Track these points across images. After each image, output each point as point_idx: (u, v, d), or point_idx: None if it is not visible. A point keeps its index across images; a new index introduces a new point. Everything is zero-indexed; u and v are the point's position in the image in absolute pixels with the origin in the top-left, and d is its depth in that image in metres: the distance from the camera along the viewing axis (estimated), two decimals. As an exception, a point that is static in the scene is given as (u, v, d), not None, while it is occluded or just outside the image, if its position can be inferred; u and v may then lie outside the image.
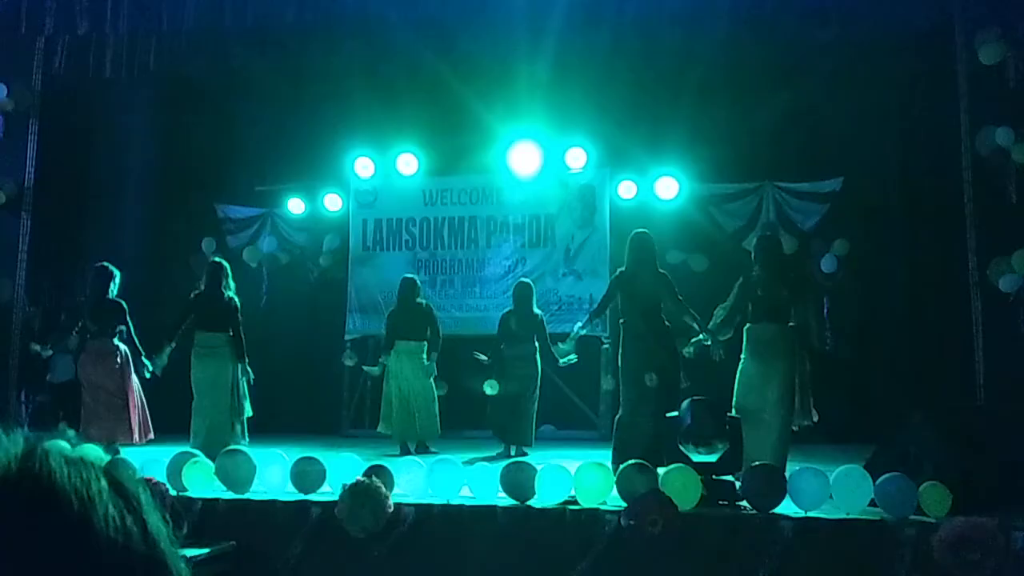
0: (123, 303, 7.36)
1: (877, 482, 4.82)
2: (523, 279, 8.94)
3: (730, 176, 10.10)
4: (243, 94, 10.99)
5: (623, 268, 6.77)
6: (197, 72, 10.45)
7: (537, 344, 8.17)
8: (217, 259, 7.75)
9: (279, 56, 10.29)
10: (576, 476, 5.08)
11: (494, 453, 7.83)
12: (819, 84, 9.58)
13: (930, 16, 8.66)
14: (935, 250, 9.29)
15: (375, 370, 8.63)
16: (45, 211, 11.08)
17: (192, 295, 7.47)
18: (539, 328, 8.22)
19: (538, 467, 5.16)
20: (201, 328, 7.24)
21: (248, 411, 7.31)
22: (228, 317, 7.23)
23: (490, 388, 8.14)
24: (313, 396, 10.76)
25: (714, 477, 5.09)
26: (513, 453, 7.89)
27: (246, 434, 7.28)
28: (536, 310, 8.33)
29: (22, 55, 10.84)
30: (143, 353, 7.31)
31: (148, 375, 7.31)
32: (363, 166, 10.79)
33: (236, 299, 7.35)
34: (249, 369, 7.34)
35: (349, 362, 10.55)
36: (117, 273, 7.44)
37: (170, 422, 7.62)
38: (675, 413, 5.52)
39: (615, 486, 5.02)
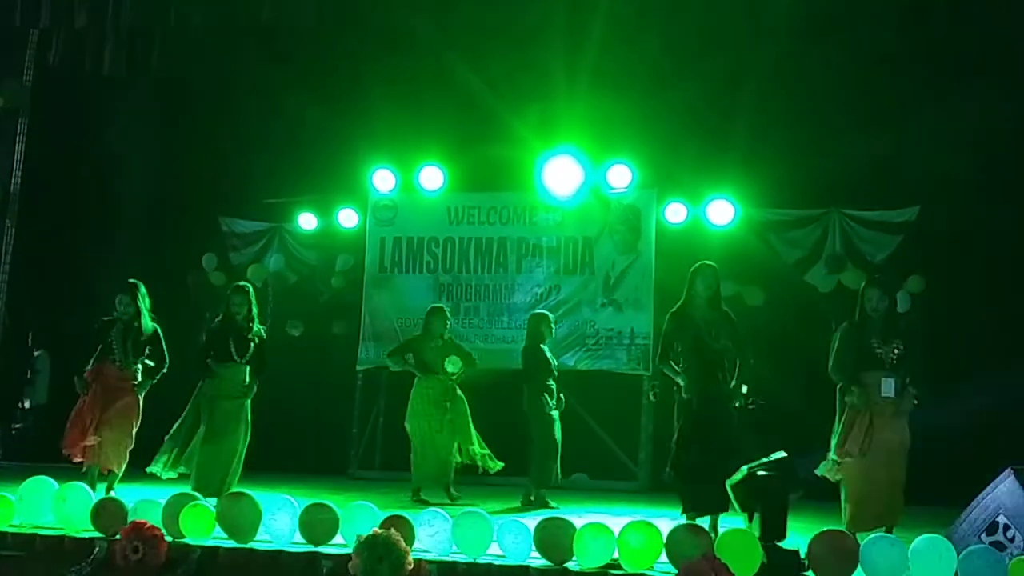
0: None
1: (961, 555, 4.72)
2: (537, 310, 8.90)
3: (792, 201, 10.03)
4: (253, 98, 11.05)
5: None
6: (203, 73, 10.53)
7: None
8: (243, 283, 7.72)
9: (293, 59, 10.37)
10: (620, 536, 5.00)
11: (517, 503, 7.81)
12: (893, 102, 9.52)
13: (1011, 40, 8.59)
14: (1017, 289, 9.16)
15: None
16: (32, 219, 11.19)
17: (211, 324, 7.45)
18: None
19: (577, 525, 5.08)
20: (222, 360, 7.21)
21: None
22: (251, 347, 7.26)
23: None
24: (319, 432, 10.73)
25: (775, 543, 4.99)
26: (533, 499, 7.88)
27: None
28: (543, 347, 8.24)
29: (14, 48, 10.98)
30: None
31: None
32: (382, 179, 10.83)
33: (261, 328, 7.40)
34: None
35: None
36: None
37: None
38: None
39: (664, 549, 4.94)
